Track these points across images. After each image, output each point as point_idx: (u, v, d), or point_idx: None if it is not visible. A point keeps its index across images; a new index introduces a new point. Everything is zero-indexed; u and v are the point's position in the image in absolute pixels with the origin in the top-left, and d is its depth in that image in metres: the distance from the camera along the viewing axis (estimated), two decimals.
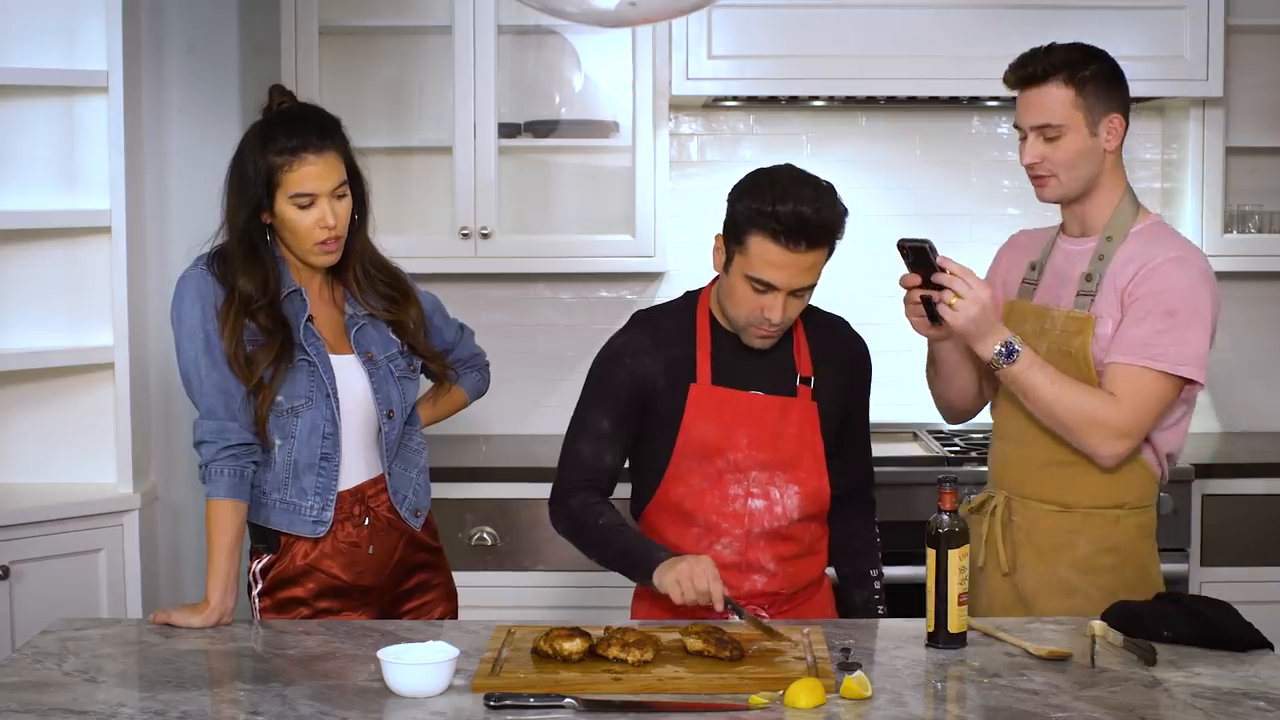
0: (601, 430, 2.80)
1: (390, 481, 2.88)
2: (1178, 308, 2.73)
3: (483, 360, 3.19)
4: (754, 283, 2.67)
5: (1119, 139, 2.87)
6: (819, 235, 2.63)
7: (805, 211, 2.60)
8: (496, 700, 2.23)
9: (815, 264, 2.67)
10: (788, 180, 2.67)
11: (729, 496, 2.79)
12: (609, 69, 4.42)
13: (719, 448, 2.78)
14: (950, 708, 2.29)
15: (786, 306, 2.69)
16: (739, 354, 2.81)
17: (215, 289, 2.76)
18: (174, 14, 4.30)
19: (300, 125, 2.76)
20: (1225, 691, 2.28)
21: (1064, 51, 2.84)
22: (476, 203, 4.26)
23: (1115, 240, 2.84)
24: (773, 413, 2.79)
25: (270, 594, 2.83)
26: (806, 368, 2.83)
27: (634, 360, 2.81)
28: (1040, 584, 2.85)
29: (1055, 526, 2.85)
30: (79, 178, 3.86)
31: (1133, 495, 2.84)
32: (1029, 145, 2.84)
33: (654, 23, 3.75)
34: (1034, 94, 2.82)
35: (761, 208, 2.63)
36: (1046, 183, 2.85)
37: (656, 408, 2.79)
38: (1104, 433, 2.73)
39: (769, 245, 2.63)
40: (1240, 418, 4.68)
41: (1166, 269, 2.76)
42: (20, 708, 2.25)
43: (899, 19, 4.17)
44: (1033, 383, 2.73)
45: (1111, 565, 2.83)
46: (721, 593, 2.57)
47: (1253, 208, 4.42)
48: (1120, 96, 2.87)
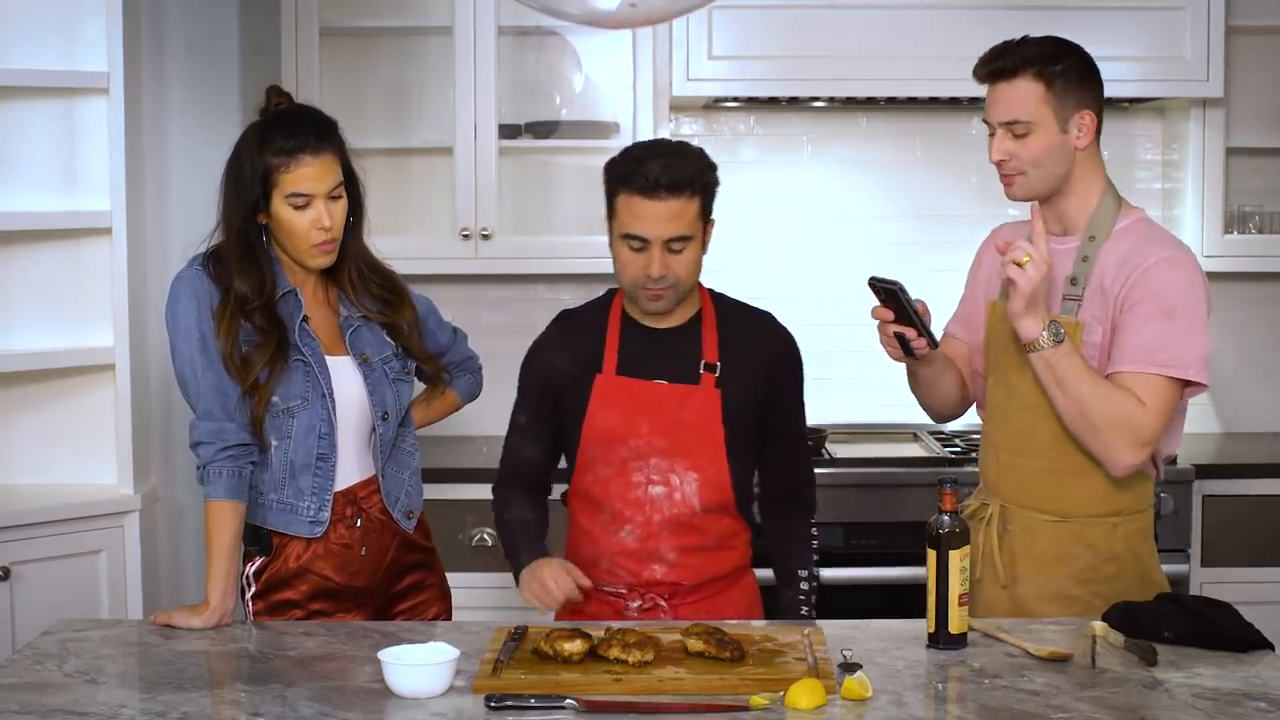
0: (520, 424, 2.98)
1: (383, 483, 2.88)
2: (1178, 310, 2.68)
3: (476, 364, 3.19)
4: (629, 241, 2.77)
5: (1091, 136, 2.79)
6: (676, 181, 2.73)
7: (660, 162, 2.74)
8: (497, 701, 2.23)
9: (681, 213, 2.74)
10: (646, 143, 2.88)
11: (631, 484, 2.86)
12: (609, 70, 4.42)
13: (621, 436, 2.85)
14: (951, 709, 2.29)
15: (665, 261, 2.76)
16: (647, 345, 2.88)
17: (211, 289, 2.76)
18: (174, 15, 4.31)
19: (297, 126, 2.77)
20: (1226, 692, 2.28)
21: (1036, 45, 2.78)
22: (477, 203, 4.27)
23: (1099, 240, 2.78)
24: (673, 400, 2.85)
25: (264, 597, 2.83)
26: (712, 355, 2.87)
27: (545, 355, 2.95)
28: (1040, 596, 2.79)
29: (1055, 537, 2.78)
30: (79, 179, 3.86)
31: (1130, 501, 2.79)
32: (996, 141, 2.79)
33: (655, 24, 3.75)
34: (1003, 89, 2.77)
35: (621, 169, 2.78)
36: (1013, 180, 2.79)
37: (567, 399, 2.90)
38: (1130, 438, 2.65)
39: (632, 199, 2.75)
40: (1240, 418, 4.68)
41: (1161, 269, 2.70)
42: (21, 709, 2.25)
43: (899, 19, 4.17)
44: (1071, 372, 2.64)
45: (1112, 574, 2.78)
46: (572, 585, 2.71)
47: (1253, 208, 4.42)
48: (1093, 93, 2.79)
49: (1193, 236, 4.33)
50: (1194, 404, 4.58)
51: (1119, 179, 4.57)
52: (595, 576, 2.87)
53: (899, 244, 4.51)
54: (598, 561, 2.89)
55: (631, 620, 2.82)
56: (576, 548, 2.94)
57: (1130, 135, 4.60)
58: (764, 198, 4.61)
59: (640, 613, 2.86)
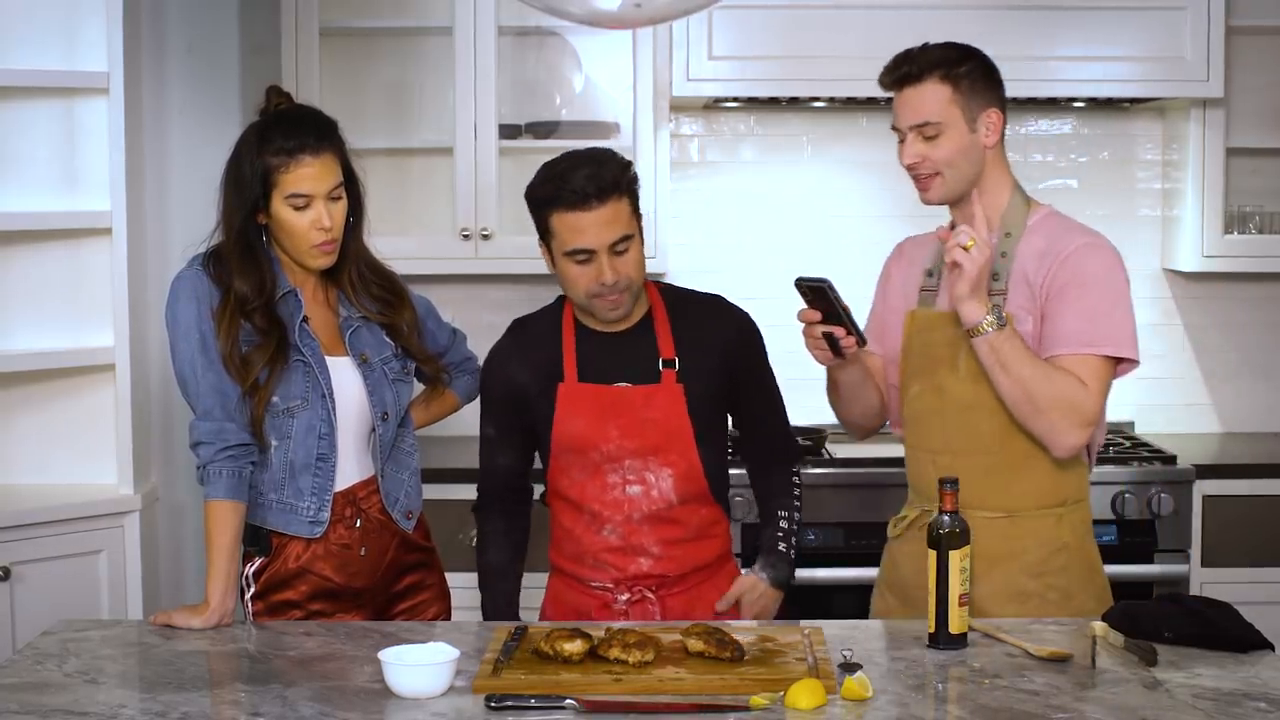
0: (489, 435, 3.00)
1: (382, 483, 2.88)
2: (1103, 291, 2.72)
3: (475, 365, 3.19)
4: (573, 257, 2.78)
5: (998, 134, 2.81)
6: (603, 187, 2.75)
7: (583, 173, 2.76)
8: (497, 701, 2.23)
9: (616, 215, 2.77)
10: (561, 159, 2.85)
11: (607, 485, 2.88)
12: (609, 70, 4.42)
13: (592, 441, 2.87)
14: (951, 709, 2.29)
15: (614, 265, 2.78)
16: (604, 349, 2.90)
17: (210, 289, 2.76)
18: (174, 15, 4.31)
19: (297, 126, 2.77)
20: (1226, 692, 2.28)
21: (938, 50, 2.83)
22: (477, 204, 4.27)
23: (1015, 236, 2.80)
24: (638, 400, 2.87)
25: (263, 597, 2.83)
26: (669, 351, 2.89)
27: (501, 368, 2.96)
28: (994, 594, 2.78)
29: (1004, 533, 2.79)
30: (79, 179, 3.86)
31: (1072, 491, 2.83)
32: (908, 145, 2.81)
33: (658, 24, 3.75)
34: (911, 93, 2.80)
35: (546, 190, 2.80)
36: (930, 183, 2.81)
37: (531, 410, 2.92)
38: (1075, 418, 2.68)
39: (566, 215, 2.77)
40: (1240, 418, 4.68)
41: (1081, 254, 2.74)
42: (21, 709, 2.25)
43: (900, 20, 4.16)
44: (1015, 355, 2.67)
45: (1062, 565, 2.81)
46: None
47: (1253, 208, 4.42)
48: (997, 93, 2.83)
49: (1192, 237, 4.33)
50: (1194, 404, 4.65)
51: (1119, 179, 4.63)
52: (582, 573, 2.91)
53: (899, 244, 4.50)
54: (583, 558, 2.91)
55: (621, 612, 2.86)
56: (560, 546, 2.96)
57: (1130, 135, 4.60)
58: (764, 198, 4.61)
59: (629, 605, 2.89)
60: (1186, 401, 4.62)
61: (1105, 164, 4.60)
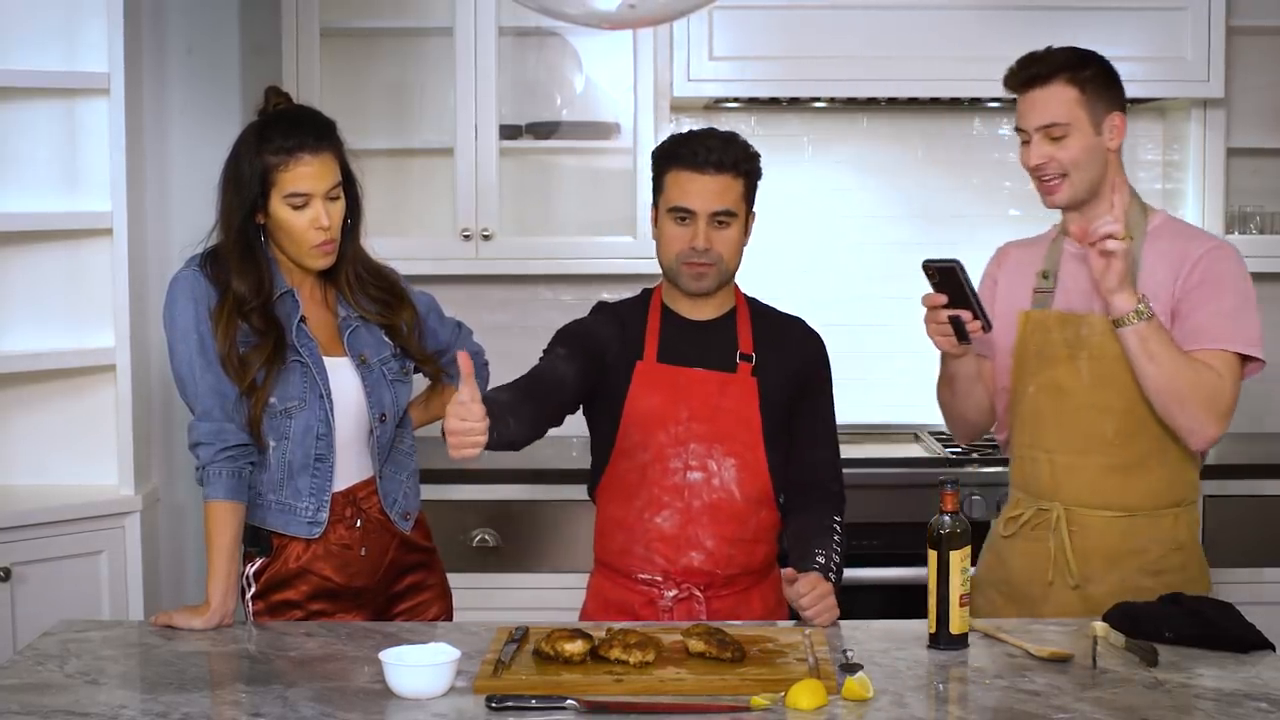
0: (558, 352, 2.86)
1: (380, 484, 2.88)
2: (1234, 293, 2.77)
3: (482, 358, 3.18)
4: (675, 215, 2.86)
5: (1121, 137, 2.86)
6: (724, 158, 2.85)
7: (709, 141, 2.87)
8: (498, 702, 2.23)
9: (727, 189, 2.85)
10: (695, 130, 2.97)
11: (669, 469, 2.87)
12: (610, 70, 4.42)
13: (661, 421, 2.87)
14: (952, 709, 2.29)
15: (709, 235, 2.85)
16: (686, 335, 2.92)
17: (208, 290, 2.76)
18: (174, 15, 4.31)
19: (296, 126, 2.77)
20: (1227, 693, 2.28)
21: (1063, 53, 2.85)
22: (478, 204, 4.27)
23: (1138, 240, 2.83)
24: (712, 386, 2.89)
25: (263, 597, 2.83)
26: (748, 346, 2.92)
27: (594, 322, 2.97)
28: (1113, 592, 2.77)
29: (1125, 532, 2.82)
30: (80, 179, 3.86)
31: (1188, 491, 2.87)
32: (1034, 146, 2.82)
33: (654, 25, 3.75)
34: (1038, 94, 2.81)
35: (670, 146, 2.91)
36: (1058, 186, 2.82)
37: (606, 377, 2.90)
38: (1216, 411, 2.73)
39: (681, 173, 2.86)
40: (1240, 418, 4.61)
41: (1212, 257, 2.79)
42: (22, 710, 2.25)
43: (900, 20, 4.17)
44: (1163, 344, 2.69)
45: (1180, 564, 2.84)
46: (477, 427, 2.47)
47: (1254, 208, 4.42)
48: (1118, 96, 2.87)
49: None
50: None
51: None
52: (630, 564, 2.89)
53: (900, 244, 4.50)
54: (632, 548, 2.89)
55: (666, 610, 2.85)
56: (608, 538, 2.93)
57: (1131, 135, 4.58)
58: (765, 198, 4.57)
59: (676, 603, 2.86)
60: None
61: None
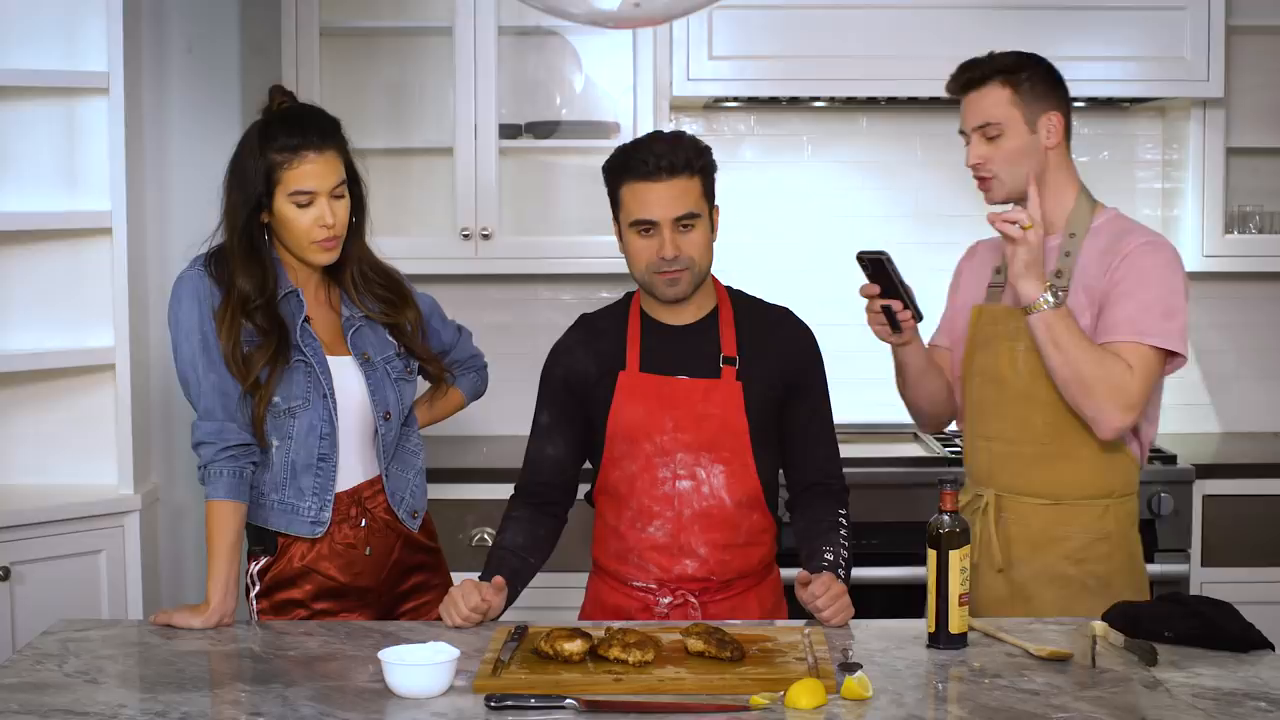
0: (542, 423, 2.96)
1: (387, 483, 2.88)
2: (1158, 287, 2.81)
3: (480, 361, 3.19)
4: (638, 229, 2.81)
5: (1059, 136, 2.91)
6: (675, 161, 2.79)
7: (657, 147, 2.81)
8: (497, 701, 2.23)
9: (685, 191, 2.80)
10: (642, 136, 2.91)
11: (658, 479, 2.86)
12: (610, 70, 4.42)
13: (646, 431, 2.86)
14: (951, 708, 2.29)
15: (676, 241, 2.80)
16: (667, 342, 2.90)
17: (212, 289, 2.77)
18: (174, 15, 4.31)
19: (300, 124, 2.77)
20: (1226, 692, 2.28)
21: (1001, 57, 2.94)
22: (477, 204, 4.27)
23: (1079, 236, 2.90)
24: (696, 394, 2.86)
25: (268, 596, 2.83)
26: (731, 349, 2.89)
27: (567, 357, 2.95)
28: (1033, 576, 2.90)
29: (1048, 519, 2.90)
30: (80, 179, 3.86)
31: (1119, 484, 2.92)
32: (972, 147, 2.93)
33: (657, 24, 3.75)
34: (974, 96, 2.92)
35: (619, 160, 2.85)
36: (990, 184, 2.93)
37: (591, 398, 2.91)
38: (1121, 400, 2.77)
39: (635, 185, 2.81)
40: (1240, 418, 4.68)
41: (1141, 251, 2.84)
42: (21, 709, 2.25)
43: (900, 20, 4.17)
44: (1068, 333, 2.77)
45: (1105, 553, 2.89)
46: (477, 601, 2.67)
47: (1253, 208, 4.42)
48: (1059, 96, 2.94)
49: (1193, 236, 4.33)
50: (1194, 404, 4.65)
51: (1119, 179, 4.62)
52: (625, 572, 2.88)
53: (900, 244, 4.43)
54: (627, 557, 2.88)
55: (662, 615, 2.83)
56: (604, 543, 2.94)
57: (1130, 135, 4.60)
58: (764, 198, 4.61)
59: (671, 609, 2.86)
60: (1186, 401, 4.62)
61: (1105, 164, 4.59)
